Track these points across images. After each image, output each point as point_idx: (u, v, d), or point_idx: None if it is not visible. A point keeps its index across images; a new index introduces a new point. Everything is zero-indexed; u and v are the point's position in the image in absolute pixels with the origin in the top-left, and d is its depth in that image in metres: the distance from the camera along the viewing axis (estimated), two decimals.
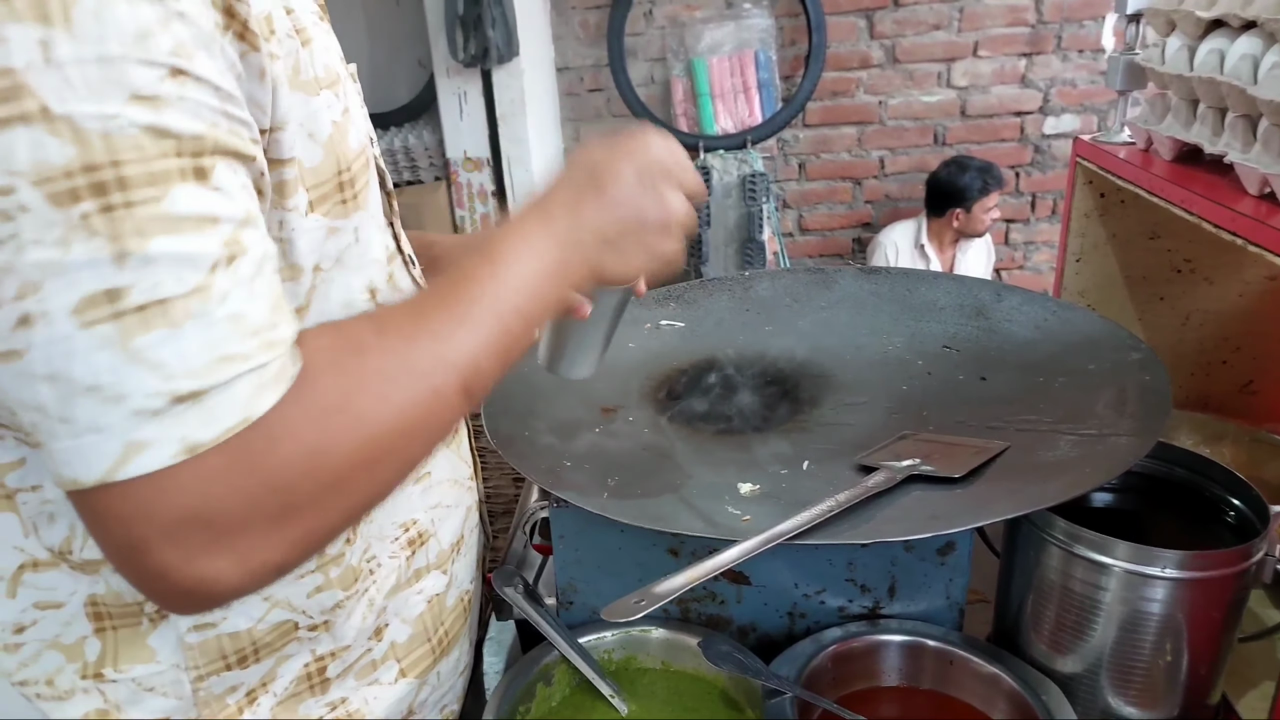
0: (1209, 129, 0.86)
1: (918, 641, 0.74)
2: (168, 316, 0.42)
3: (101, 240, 0.40)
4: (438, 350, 0.52)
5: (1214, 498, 0.74)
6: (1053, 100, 3.13)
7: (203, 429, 0.43)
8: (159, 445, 0.42)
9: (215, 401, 0.43)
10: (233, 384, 0.44)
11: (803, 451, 0.81)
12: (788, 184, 3.34)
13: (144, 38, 0.41)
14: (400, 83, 3.11)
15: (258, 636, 0.60)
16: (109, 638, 0.58)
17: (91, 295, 0.41)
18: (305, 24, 0.54)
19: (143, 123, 0.41)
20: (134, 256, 0.41)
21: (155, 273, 0.41)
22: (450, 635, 0.75)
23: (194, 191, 0.43)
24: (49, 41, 0.39)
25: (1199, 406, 1.11)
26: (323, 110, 0.54)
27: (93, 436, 0.42)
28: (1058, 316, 0.95)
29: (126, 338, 0.41)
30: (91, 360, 0.41)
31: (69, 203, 0.40)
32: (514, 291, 0.57)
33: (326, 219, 0.55)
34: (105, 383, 0.41)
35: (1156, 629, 0.67)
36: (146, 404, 0.42)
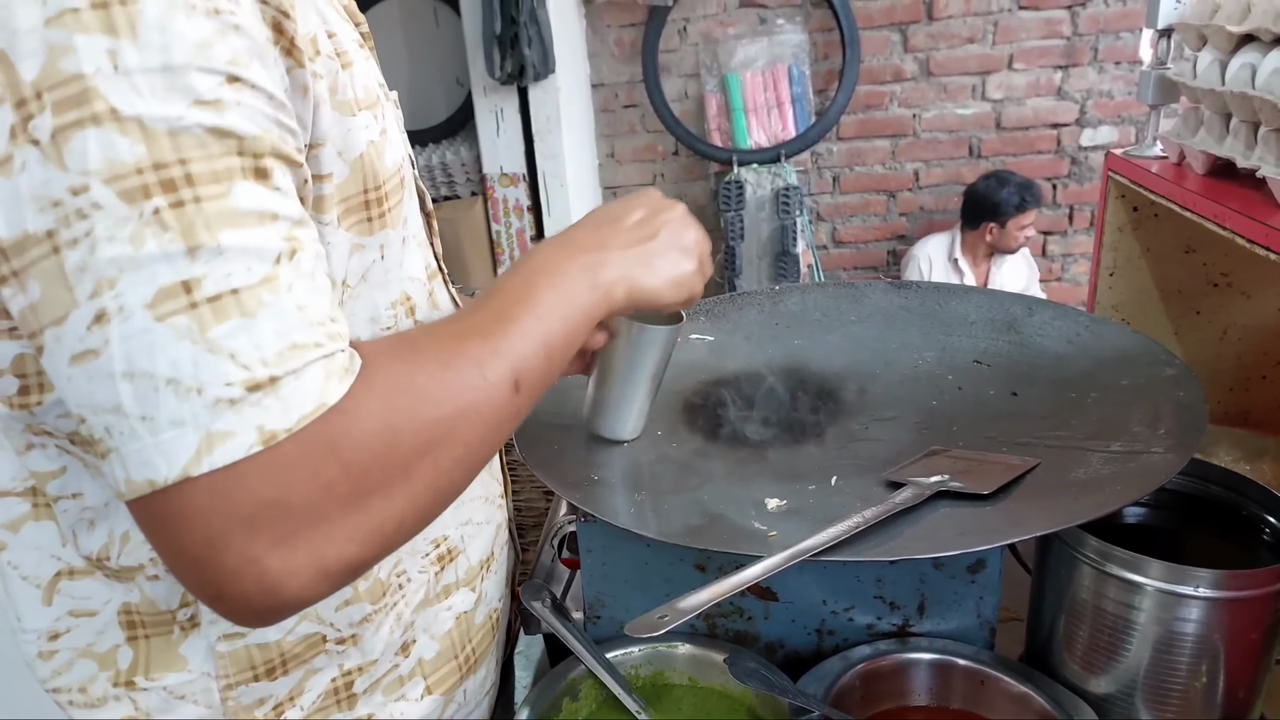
0: (1242, 143, 0.85)
1: (948, 660, 0.73)
2: (241, 305, 0.43)
3: (173, 234, 0.42)
4: (488, 345, 0.55)
5: (1251, 516, 0.73)
6: (1090, 112, 3.10)
7: (281, 416, 0.44)
8: (238, 435, 0.43)
9: (290, 389, 0.44)
10: (305, 371, 0.45)
11: (831, 467, 0.81)
12: (822, 197, 3.34)
13: (204, 47, 0.43)
14: (439, 100, 3.16)
15: (286, 648, 0.61)
16: (141, 646, 0.59)
17: (167, 287, 0.42)
18: (347, 48, 0.56)
19: (207, 124, 0.43)
20: (205, 249, 0.43)
21: (226, 264, 0.43)
22: (478, 653, 0.75)
23: (255, 189, 0.45)
24: (116, 51, 0.41)
25: (1238, 422, 1.09)
26: (358, 130, 0.56)
27: (172, 431, 0.43)
28: (1090, 331, 0.94)
29: (203, 327, 0.43)
30: (170, 352, 0.42)
31: (140, 198, 0.42)
32: (555, 300, 0.59)
33: (350, 234, 0.57)
34: (184, 374, 0.43)
35: (1192, 650, 0.66)
36: (225, 393, 0.43)
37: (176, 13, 0.42)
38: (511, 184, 2.88)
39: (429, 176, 3.00)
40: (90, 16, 0.41)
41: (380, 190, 0.58)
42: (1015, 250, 2.96)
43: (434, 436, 0.51)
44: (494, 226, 2.93)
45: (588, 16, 3.17)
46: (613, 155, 3.36)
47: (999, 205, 2.88)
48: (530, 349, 0.56)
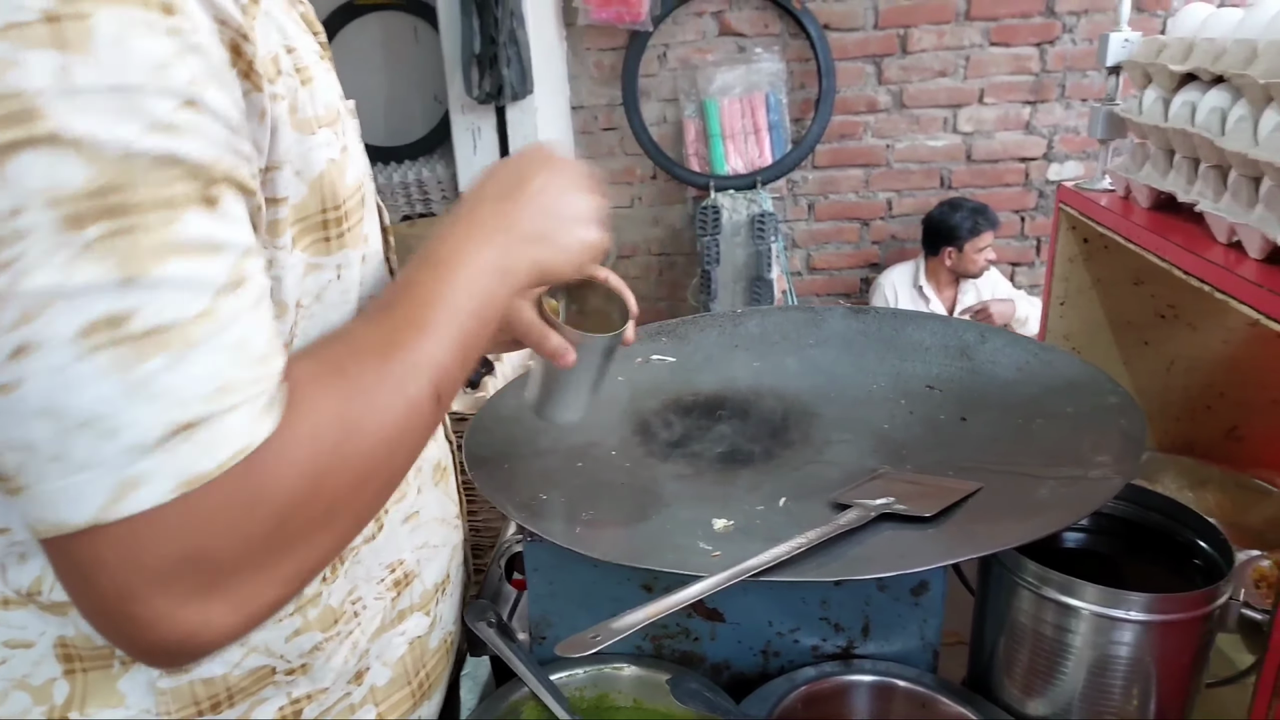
0: (1184, 178, 0.87)
1: (888, 683, 0.74)
2: (171, 342, 0.41)
3: (110, 264, 0.40)
4: (409, 360, 0.53)
5: (1186, 542, 0.74)
6: (1057, 147, 3.15)
7: (202, 461, 0.42)
8: (154, 481, 0.41)
9: (215, 431, 0.42)
10: (230, 413, 0.43)
11: (781, 488, 0.82)
12: (797, 224, 3.37)
13: (161, 68, 0.41)
14: (416, 117, 3.16)
15: (233, 682, 0.59)
16: (78, 680, 0.57)
17: (94, 321, 0.40)
18: (307, 63, 0.55)
19: (157, 149, 0.41)
20: (141, 280, 0.40)
21: (161, 296, 0.41)
22: (432, 678, 0.74)
23: (203, 218, 0.43)
24: (67, 68, 0.39)
25: (1184, 451, 1.11)
26: (318, 149, 0.55)
27: (84, 474, 0.40)
28: (1039, 359, 0.96)
29: (127, 366, 0.40)
30: (89, 391, 0.40)
31: (79, 226, 0.39)
32: (466, 296, 0.58)
33: (306, 255, 0.56)
34: (102, 414, 0.40)
35: (1125, 672, 0.67)
36: (143, 437, 0.41)
37: (134, 30, 0.40)
38: None
39: (405, 193, 3.00)
40: (41, 30, 0.38)
41: (340, 210, 0.57)
42: (978, 274, 2.99)
43: (362, 472, 0.50)
44: None
45: (569, 39, 3.20)
46: None
47: (954, 229, 2.94)
48: (448, 355, 0.55)
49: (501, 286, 0.61)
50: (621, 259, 3.45)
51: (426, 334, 0.55)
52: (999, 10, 3.04)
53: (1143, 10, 2.96)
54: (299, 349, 0.56)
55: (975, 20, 3.06)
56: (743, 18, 3.15)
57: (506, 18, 2.54)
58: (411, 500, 0.70)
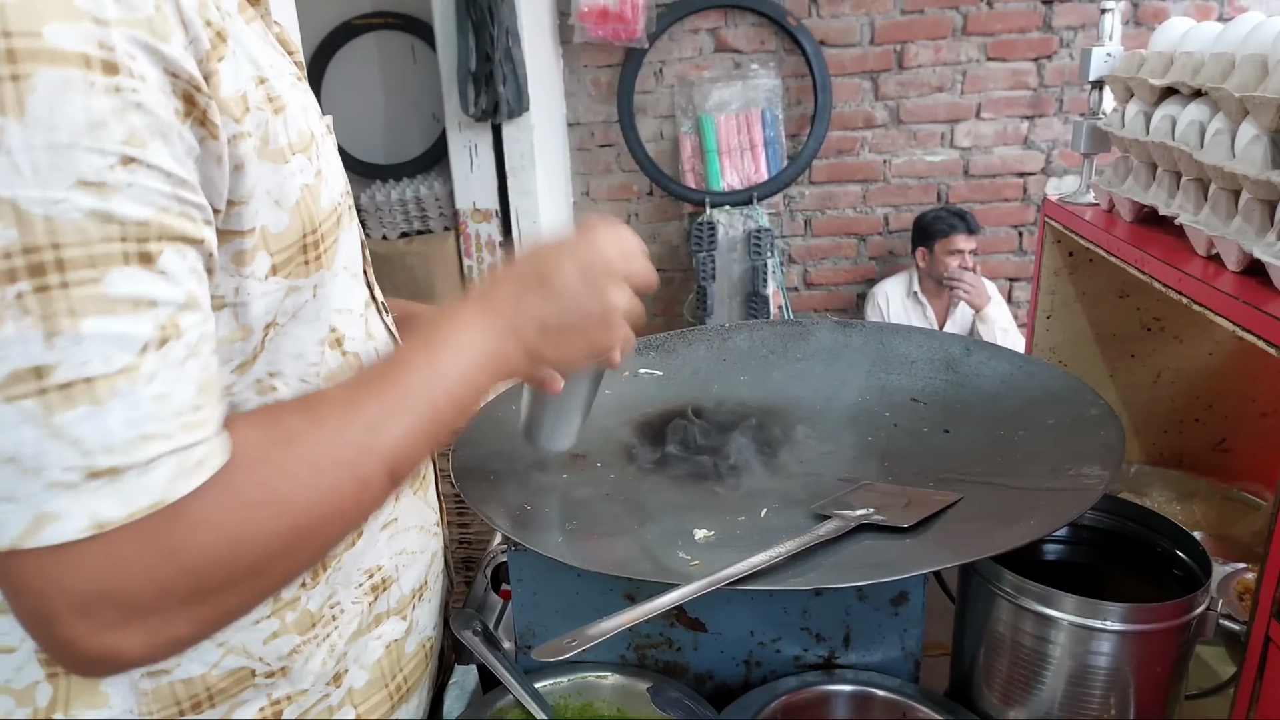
0: (1165, 191, 0.88)
1: (867, 692, 0.74)
2: (92, 394, 0.43)
3: (33, 319, 0.42)
4: (367, 441, 0.54)
5: (1164, 552, 0.75)
6: (1055, 161, 3.17)
7: (114, 507, 0.44)
8: (67, 519, 0.43)
9: (132, 482, 0.44)
10: (152, 465, 0.45)
11: (763, 499, 0.82)
12: (793, 239, 3.38)
13: (96, 127, 0.42)
14: (414, 135, 3.19)
15: (212, 683, 0.60)
16: (61, 683, 0.58)
17: (18, 371, 0.42)
18: (280, 90, 0.56)
19: (87, 208, 0.42)
20: (64, 336, 0.42)
21: (84, 352, 0.43)
22: (410, 682, 0.74)
23: (135, 274, 0.44)
24: (1, 130, 0.41)
25: (1172, 464, 1.11)
26: (293, 176, 0.56)
27: (6, 505, 0.43)
28: (1023, 371, 0.96)
29: (49, 413, 0.42)
30: (14, 433, 0.42)
31: (5, 282, 0.41)
32: (449, 380, 0.59)
33: (288, 280, 0.57)
34: (25, 455, 0.43)
35: (1103, 682, 0.68)
36: (61, 477, 0.43)
37: (71, 90, 0.42)
38: (484, 219, 2.90)
39: (403, 210, 3.02)
40: None
41: (317, 233, 0.58)
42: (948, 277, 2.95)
43: (292, 541, 0.51)
44: (466, 261, 2.95)
45: (565, 56, 3.23)
46: (588, 193, 3.40)
47: (926, 229, 2.95)
48: (413, 439, 0.56)
49: (490, 378, 0.62)
50: None
51: (397, 415, 0.56)
52: (996, 25, 3.06)
53: (1140, 24, 2.98)
54: (256, 407, 0.58)
55: (972, 35, 3.09)
56: (739, 34, 3.17)
57: (502, 35, 2.56)
58: (390, 508, 0.71)
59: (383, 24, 3.10)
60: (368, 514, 0.57)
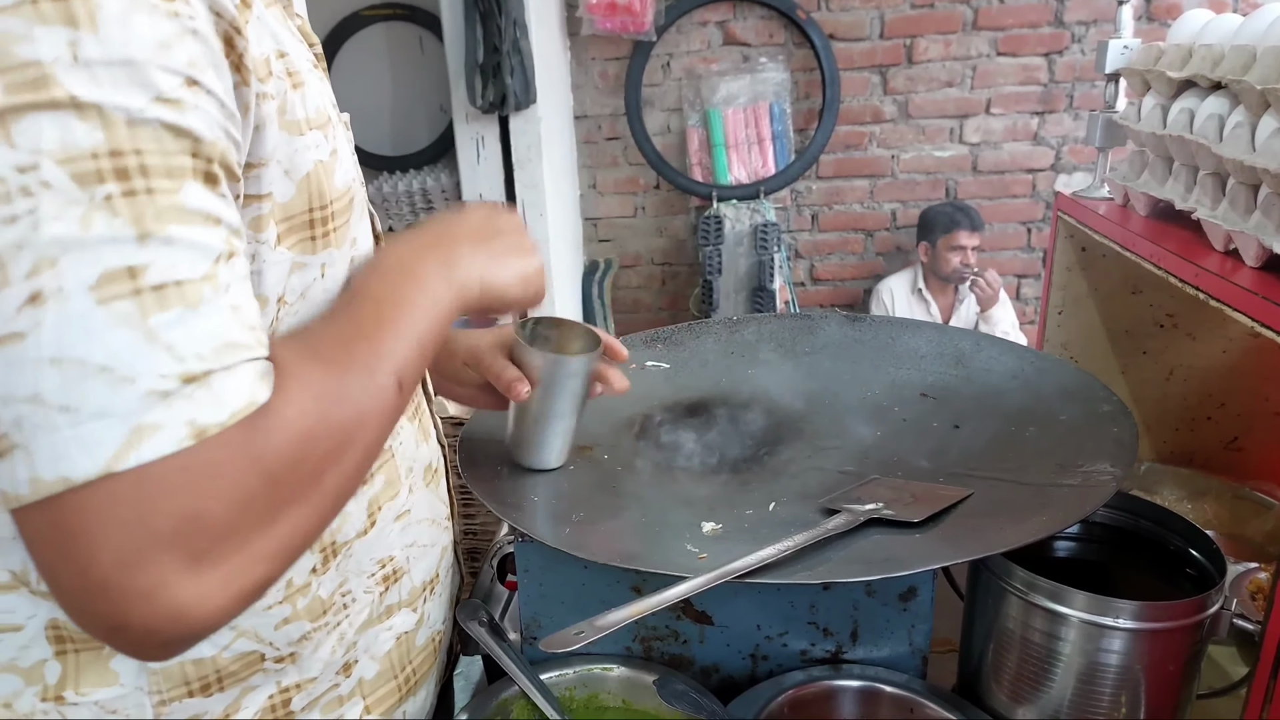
0: (1182, 185, 0.87)
1: (875, 688, 0.73)
2: (183, 297, 0.43)
3: (124, 220, 0.42)
4: (374, 351, 0.56)
5: (1177, 550, 0.74)
6: (1065, 158, 3.15)
7: (212, 411, 0.43)
8: (167, 428, 0.42)
9: (223, 385, 0.44)
10: (235, 370, 0.45)
11: (771, 493, 0.81)
12: (800, 234, 3.37)
13: (164, 47, 0.44)
14: (422, 127, 3.18)
15: (222, 665, 0.60)
16: (70, 660, 0.58)
17: (112, 271, 0.42)
18: (299, 68, 0.57)
19: (166, 120, 0.43)
20: (155, 237, 0.43)
21: (172, 254, 0.43)
22: (419, 674, 0.74)
23: (203, 191, 0.45)
24: (76, 42, 0.41)
25: (1184, 462, 1.10)
26: (307, 150, 0.56)
27: (97, 423, 0.41)
28: (1034, 367, 0.96)
29: (145, 314, 0.42)
30: (107, 338, 0.41)
31: (94, 183, 0.41)
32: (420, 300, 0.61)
33: (292, 253, 0.57)
34: (119, 362, 0.42)
35: (1114, 681, 0.67)
36: (158, 385, 0.42)
37: (138, 10, 0.43)
38: None
39: (409, 202, 3.01)
40: (49, 7, 0.41)
41: (327, 210, 0.59)
42: (949, 274, 2.95)
43: (340, 441, 0.52)
44: None
45: (572, 49, 3.22)
46: (594, 186, 3.39)
47: (929, 224, 2.95)
48: (407, 349, 0.58)
49: (449, 291, 0.63)
50: (624, 269, 3.46)
51: (388, 330, 0.58)
52: (1006, 20, 3.04)
53: (1153, 20, 2.96)
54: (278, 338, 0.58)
55: (982, 30, 3.07)
56: (747, 27, 3.16)
57: (510, 27, 2.55)
58: (403, 499, 0.71)
59: (391, 15, 3.09)
60: (389, 421, 0.58)
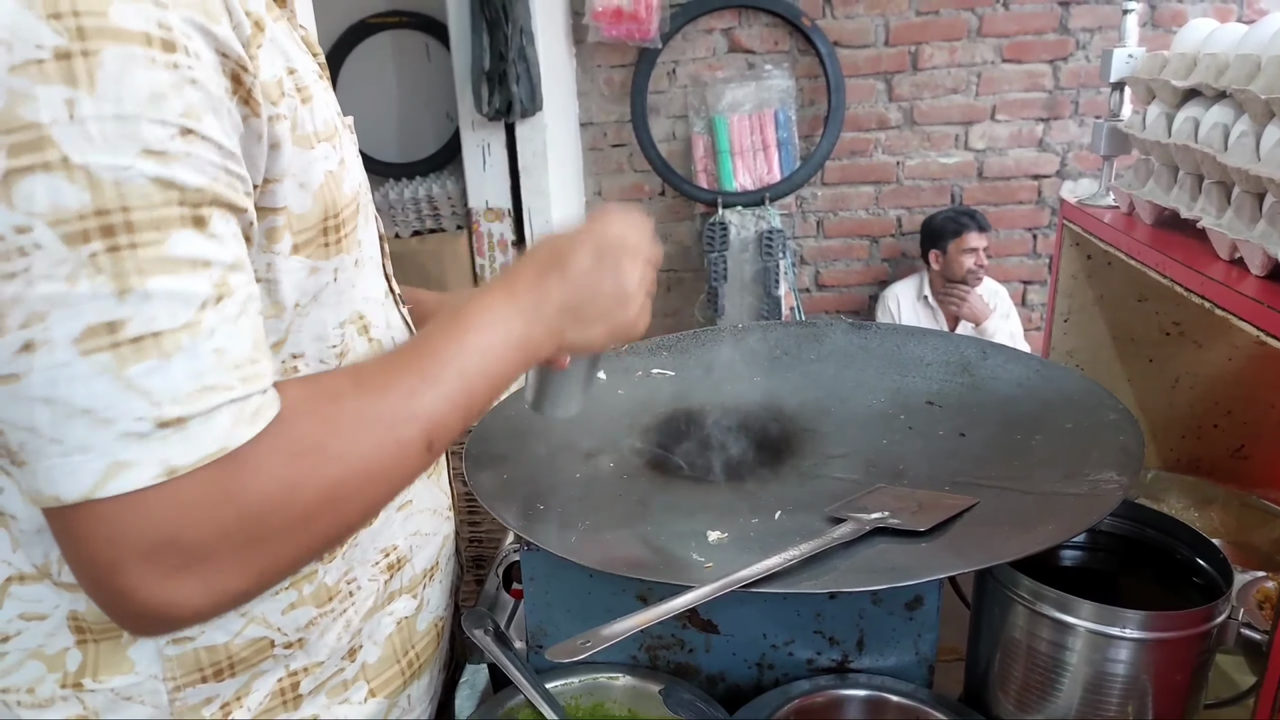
0: (1187, 194, 0.87)
1: (881, 696, 0.73)
2: (160, 348, 0.46)
3: (106, 277, 0.45)
4: (407, 405, 0.57)
5: (1184, 559, 0.74)
6: (1070, 164, 3.14)
7: (183, 454, 0.47)
8: (141, 466, 0.46)
9: (197, 430, 0.47)
10: (214, 414, 0.48)
11: (777, 502, 0.81)
12: (805, 240, 3.37)
13: (158, 100, 0.46)
14: (428, 134, 3.19)
15: (234, 651, 0.63)
16: (90, 649, 0.61)
17: (93, 326, 0.45)
18: (307, 83, 0.59)
19: (151, 174, 0.46)
20: (134, 293, 0.45)
21: (151, 308, 0.46)
22: (421, 659, 0.76)
23: (191, 237, 0.47)
24: (74, 100, 0.44)
25: (1190, 470, 1.10)
26: (317, 162, 0.59)
27: (80, 456, 0.46)
28: (1040, 375, 0.96)
29: (121, 365, 0.45)
30: (88, 385, 0.45)
31: (80, 242, 0.44)
32: (480, 356, 0.61)
33: (309, 260, 0.60)
34: (98, 406, 0.45)
35: (1120, 690, 0.67)
36: (133, 427, 0.46)
37: (135, 65, 0.45)
38: (496, 219, 2.90)
39: (415, 209, 3.02)
40: (53, 67, 0.43)
41: (338, 217, 0.61)
42: (963, 278, 2.93)
43: (338, 495, 0.53)
44: (478, 260, 2.94)
45: (578, 56, 3.22)
46: (600, 193, 3.39)
47: (938, 231, 2.94)
48: (449, 409, 0.59)
49: (519, 357, 0.65)
50: None
51: (430, 386, 0.58)
52: (1011, 27, 3.04)
53: (1158, 27, 2.96)
54: (303, 375, 0.61)
55: (987, 37, 3.07)
56: (753, 34, 3.16)
57: (516, 35, 2.56)
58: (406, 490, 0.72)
59: (398, 23, 3.10)
60: (407, 477, 0.59)
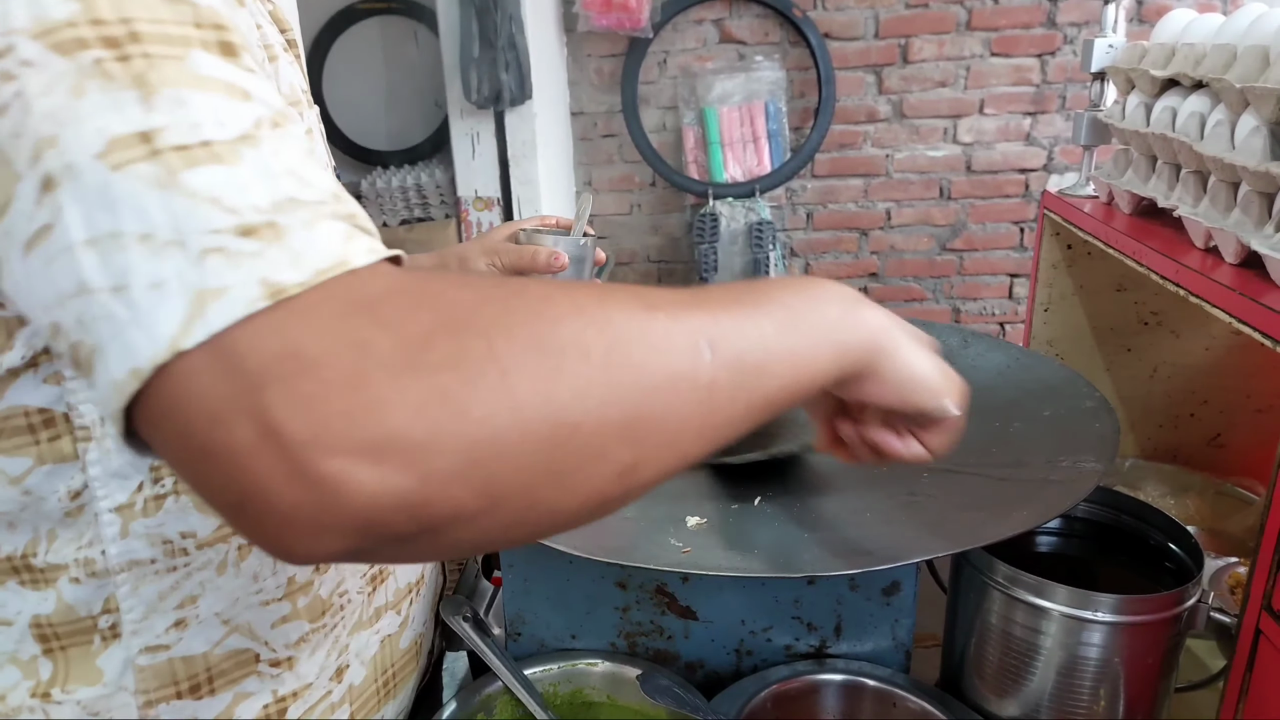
0: (1165, 183, 0.87)
1: (858, 682, 0.74)
2: (215, 155, 0.35)
3: (122, 82, 0.35)
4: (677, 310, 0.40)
5: (1157, 545, 0.74)
6: (1057, 158, 3.15)
7: (288, 269, 0.33)
8: (235, 289, 0.33)
9: (300, 240, 0.34)
10: (318, 225, 0.35)
11: (756, 488, 0.82)
12: (795, 232, 3.37)
13: None
14: (417, 122, 3.18)
15: (213, 662, 0.58)
16: (59, 658, 0.56)
17: (120, 137, 0.34)
18: (272, 43, 0.55)
19: None
20: (163, 96, 0.35)
21: (192, 114, 0.35)
22: (399, 678, 0.73)
23: (218, 62, 0.37)
24: None
25: (1167, 458, 1.11)
26: None
27: (151, 296, 0.33)
28: (1020, 363, 0.96)
29: (172, 173, 0.34)
30: (135, 203, 0.34)
31: (77, 49, 0.35)
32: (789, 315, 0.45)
33: None
34: (157, 225, 0.34)
35: (1094, 674, 0.67)
36: (213, 241, 0.33)
37: None
38: (486, 207, 2.90)
39: (403, 197, 3.01)
40: None
41: None
42: None
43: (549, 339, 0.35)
44: None
45: (569, 45, 3.21)
46: (590, 183, 3.39)
47: None
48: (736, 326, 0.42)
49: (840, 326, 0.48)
50: (620, 265, 3.46)
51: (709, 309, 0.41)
52: (1000, 21, 3.05)
53: (1144, 21, 2.97)
54: None
55: (976, 31, 3.07)
56: (743, 25, 3.16)
57: (506, 22, 2.55)
58: None
59: (386, 9, 3.09)
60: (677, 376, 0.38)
